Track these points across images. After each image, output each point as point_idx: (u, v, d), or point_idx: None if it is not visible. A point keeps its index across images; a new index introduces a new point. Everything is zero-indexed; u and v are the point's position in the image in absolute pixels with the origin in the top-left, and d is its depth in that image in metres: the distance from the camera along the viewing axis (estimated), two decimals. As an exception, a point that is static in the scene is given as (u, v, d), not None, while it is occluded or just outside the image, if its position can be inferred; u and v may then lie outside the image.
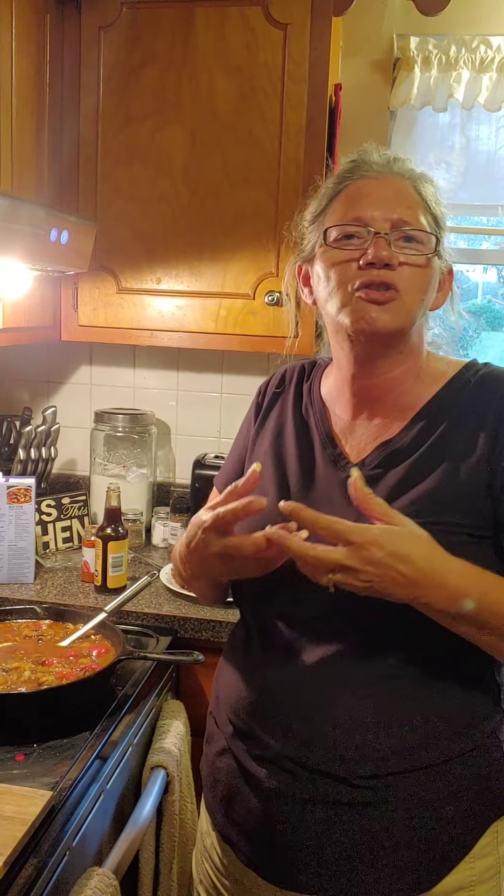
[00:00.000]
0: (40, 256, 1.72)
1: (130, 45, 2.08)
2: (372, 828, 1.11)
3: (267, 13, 2.00)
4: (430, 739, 1.12)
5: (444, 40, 2.27)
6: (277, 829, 1.15)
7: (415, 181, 1.18)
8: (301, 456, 1.25)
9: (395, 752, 1.11)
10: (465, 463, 1.12)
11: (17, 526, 2.04)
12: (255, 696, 1.19)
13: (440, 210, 1.19)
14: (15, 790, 1.21)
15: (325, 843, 1.12)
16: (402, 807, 1.11)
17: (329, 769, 1.12)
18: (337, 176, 1.22)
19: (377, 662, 1.12)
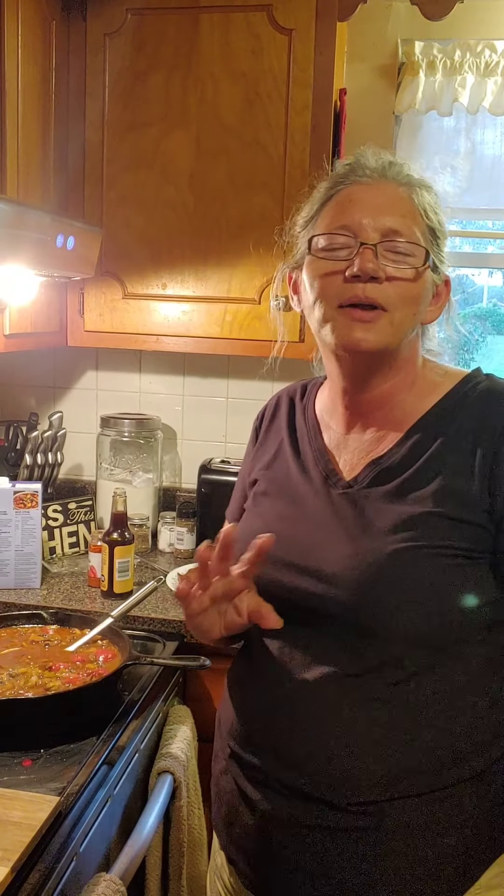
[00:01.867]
0: (46, 262, 1.73)
1: (136, 52, 2.09)
2: (368, 855, 1.08)
3: (272, 19, 2.00)
4: (426, 765, 1.07)
5: (449, 45, 2.27)
6: (275, 852, 1.13)
7: (412, 188, 1.13)
8: (296, 475, 1.22)
9: (387, 777, 1.07)
10: (461, 484, 1.07)
11: (24, 531, 2.04)
12: (249, 718, 1.19)
13: (438, 219, 1.14)
14: (22, 796, 1.21)
15: (321, 870, 1.10)
16: (400, 835, 1.07)
17: (321, 794, 1.09)
18: (330, 180, 1.17)
19: (368, 686, 1.08)
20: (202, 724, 1.77)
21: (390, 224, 1.09)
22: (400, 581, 1.06)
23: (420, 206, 1.12)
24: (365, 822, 1.08)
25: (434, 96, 2.31)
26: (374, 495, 1.12)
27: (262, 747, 1.15)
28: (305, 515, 1.17)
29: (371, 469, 1.14)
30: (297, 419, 1.28)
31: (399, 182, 1.13)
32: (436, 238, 1.14)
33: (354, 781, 1.08)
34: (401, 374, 1.16)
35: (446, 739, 1.08)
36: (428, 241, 1.12)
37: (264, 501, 1.25)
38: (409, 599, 1.05)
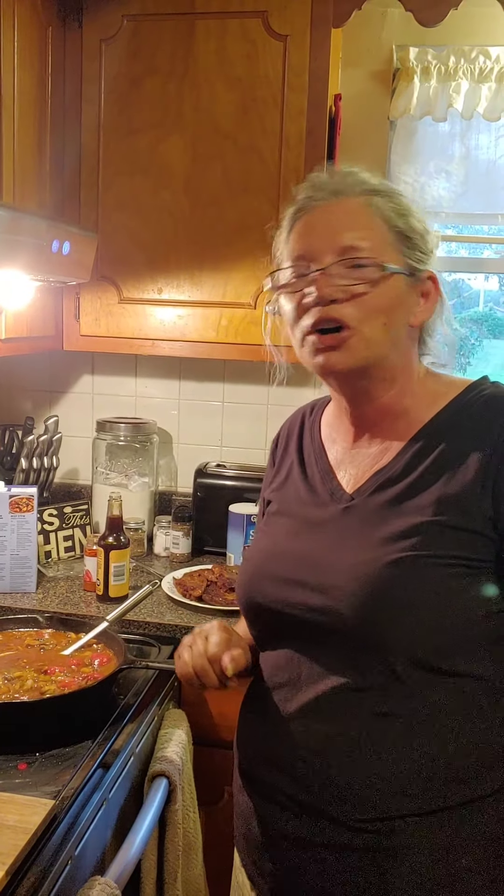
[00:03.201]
0: (42, 267, 1.73)
1: (131, 58, 2.10)
2: (376, 876, 1.07)
3: (267, 25, 2.01)
4: (434, 783, 1.06)
5: (444, 51, 2.29)
6: (288, 869, 1.13)
7: (369, 197, 1.12)
8: (304, 495, 1.23)
9: (393, 795, 1.06)
10: (463, 492, 1.06)
11: (20, 535, 2.05)
12: (258, 733, 1.19)
13: (406, 221, 1.12)
14: (17, 799, 1.21)
15: (329, 889, 1.09)
16: (410, 854, 1.06)
17: (328, 811, 1.09)
18: (291, 212, 1.17)
19: (372, 701, 1.07)
20: (197, 727, 1.77)
21: (346, 241, 1.09)
22: (397, 592, 1.05)
23: (380, 214, 1.12)
24: (373, 842, 1.06)
25: (429, 102, 2.32)
26: (375, 505, 1.12)
27: (271, 763, 1.15)
28: (311, 533, 1.18)
29: (374, 479, 1.14)
30: (304, 440, 1.30)
31: (355, 194, 1.13)
32: (407, 240, 1.12)
33: (359, 798, 1.07)
34: (398, 383, 1.15)
35: (452, 758, 1.06)
36: (393, 246, 1.11)
37: (275, 521, 1.26)
38: (407, 611, 1.04)
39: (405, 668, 1.05)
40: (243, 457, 2.51)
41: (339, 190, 1.13)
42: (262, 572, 1.20)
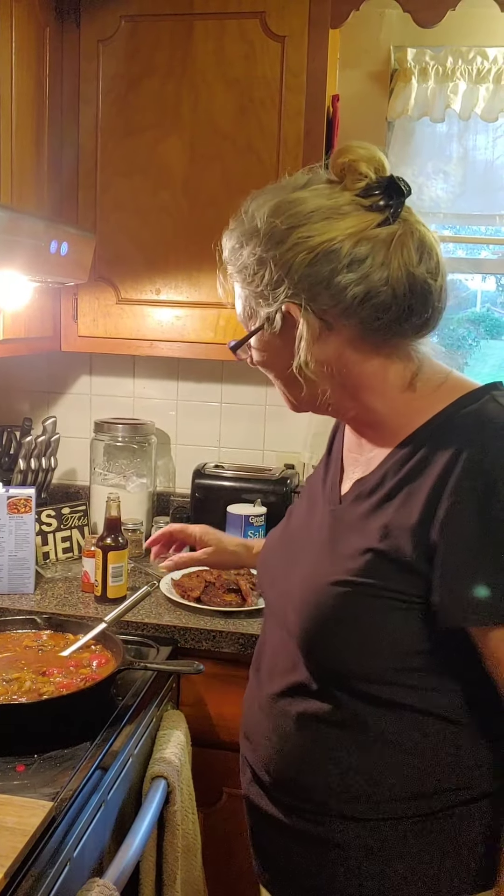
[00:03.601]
0: (40, 268, 1.73)
1: (129, 58, 2.09)
2: (316, 861, 1.13)
3: (265, 26, 2.01)
4: (364, 795, 1.08)
5: (441, 52, 2.29)
6: (249, 826, 1.25)
7: (230, 266, 1.13)
8: (317, 490, 1.26)
9: (332, 797, 1.10)
10: (408, 521, 1.02)
11: (18, 536, 2.04)
12: (247, 703, 1.27)
13: (245, 276, 1.09)
14: (16, 801, 1.21)
15: (276, 856, 1.19)
16: (344, 851, 1.10)
17: (276, 793, 1.17)
18: None
19: (315, 707, 1.11)
20: (196, 728, 1.77)
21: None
22: (330, 612, 1.07)
23: (238, 286, 1.13)
24: (311, 829, 1.13)
25: (426, 102, 2.32)
26: (350, 517, 1.12)
27: (246, 731, 1.25)
28: (300, 532, 1.23)
29: (354, 488, 1.14)
30: (338, 433, 1.30)
31: (228, 269, 1.15)
32: (255, 293, 1.09)
33: (303, 791, 1.13)
34: (358, 401, 1.11)
35: (381, 777, 1.08)
36: (250, 309, 1.12)
37: (292, 509, 1.33)
38: (334, 631, 1.06)
39: (338, 685, 1.09)
40: (241, 458, 2.51)
41: (225, 267, 1.15)
42: (263, 562, 1.32)
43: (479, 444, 0.99)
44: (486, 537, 0.96)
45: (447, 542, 0.98)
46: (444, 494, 0.98)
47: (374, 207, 1.04)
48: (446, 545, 0.98)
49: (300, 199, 1.05)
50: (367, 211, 1.04)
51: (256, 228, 1.06)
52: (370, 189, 1.04)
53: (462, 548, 0.97)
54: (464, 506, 0.97)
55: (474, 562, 0.97)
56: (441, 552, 0.98)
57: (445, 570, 0.98)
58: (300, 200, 1.05)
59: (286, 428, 2.48)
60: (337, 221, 1.03)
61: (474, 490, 0.97)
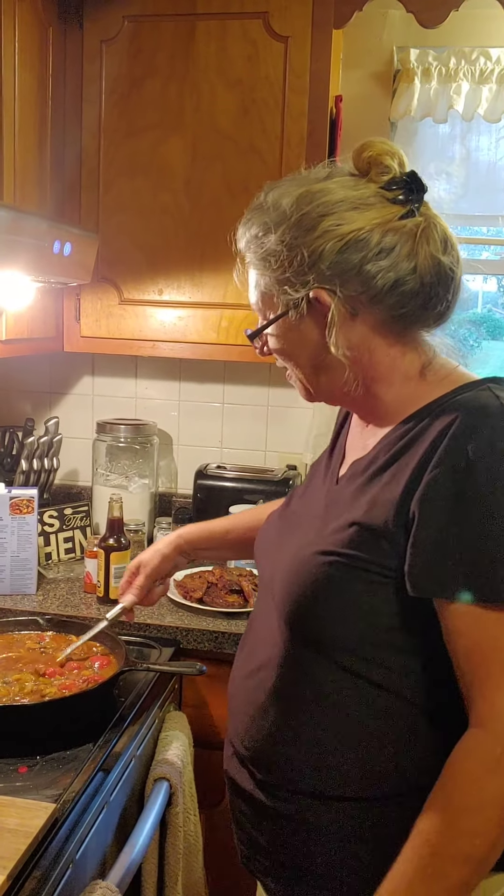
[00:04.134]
0: (43, 268, 1.73)
1: (132, 59, 2.09)
2: (296, 840, 1.13)
3: (268, 26, 2.01)
4: (339, 773, 1.09)
5: (444, 52, 2.29)
6: (229, 801, 1.27)
7: (246, 255, 1.15)
8: (322, 466, 1.29)
9: (304, 774, 1.11)
10: (392, 499, 1.05)
11: (20, 537, 2.04)
12: (232, 680, 1.29)
13: (267, 261, 1.11)
14: (18, 802, 1.21)
15: (252, 832, 1.20)
16: (317, 831, 1.11)
17: (252, 768, 1.19)
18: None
19: (292, 681, 1.13)
20: (198, 730, 1.77)
21: (254, 308, 1.19)
22: (311, 580, 1.09)
23: (255, 273, 1.15)
24: (282, 807, 1.14)
25: (429, 103, 2.32)
26: (344, 493, 1.15)
27: (231, 708, 1.26)
28: (297, 509, 1.26)
29: (352, 468, 1.18)
30: (344, 424, 1.32)
31: (244, 256, 1.17)
32: (278, 280, 1.11)
33: (276, 767, 1.15)
34: (370, 390, 1.14)
35: (361, 756, 1.09)
36: (269, 296, 1.14)
37: (297, 487, 1.35)
38: (314, 600, 1.09)
39: (313, 657, 1.11)
40: (243, 458, 2.50)
41: (242, 255, 1.18)
42: (259, 536, 1.33)
43: (464, 426, 1.02)
44: (457, 514, 0.99)
45: (421, 513, 1.01)
46: (427, 469, 1.02)
47: (396, 201, 1.08)
48: (420, 517, 1.01)
49: (327, 189, 1.09)
50: (390, 203, 1.08)
51: (285, 215, 1.09)
52: (393, 182, 1.08)
53: (434, 521, 1.00)
54: (442, 480, 1.00)
55: (443, 536, 1.00)
56: (415, 523, 1.02)
57: (416, 539, 1.02)
58: (327, 190, 1.08)
59: (288, 429, 2.48)
60: (364, 212, 1.07)
61: (455, 466, 1.00)
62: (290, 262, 1.08)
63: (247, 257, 1.15)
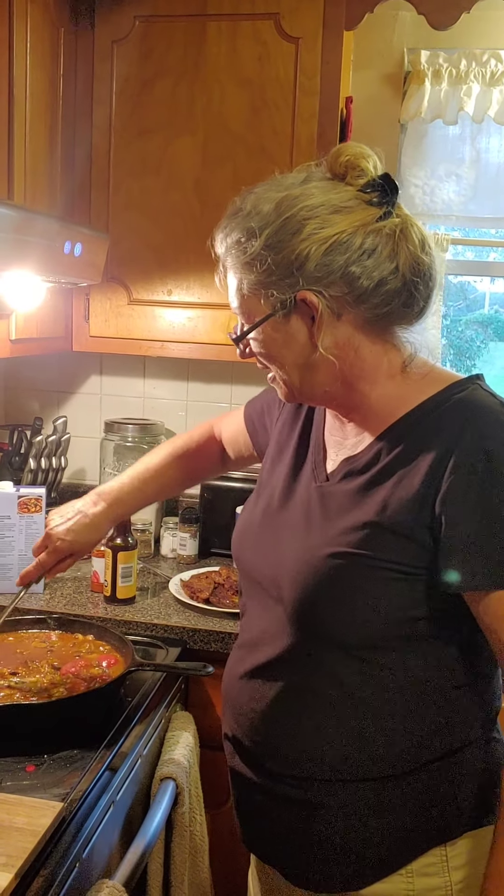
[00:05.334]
0: (54, 268, 1.73)
1: (143, 59, 2.10)
2: (300, 824, 1.18)
3: (279, 27, 2.01)
4: (350, 758, 1.14)
5: (455, 54, 2.28)
6: (236, 798, 1.30)
7: (227, 260, 1.15)
8: (294, 462, 1.29)
9: (315, 761, 1.16)
10: (407, 497, 1.08)
11: (28, 536, 2.04)
12: (228, 680, 1.31)
13: (251, 264, 1.10)
14: (26, 801, 1.21)
15: (263, 824, 1.24)
16: (326, 813, 1.16)
17: (261, 761, 1.22)
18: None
19: (302, 675, 1.17)
20: (204, 730, 1.77)
21: (235, 311, 1.18)
22: (328, 582, 1.12)
23: (236, 276, 1.14)
24: (294, 794, 1.18)
25: (439, 105, 2.32)
26: (340, 493, 1.17)
27: (231, 708, 1.28)
28: (285, 508, 1.25)
29: (343, 466, 1.19)
30: (315, 419, 1.32)
31: (227, 263, 1.16)
32: (262, 281, 1.11)
33: (286, 757, 1.18)
34: (354, 389, 1.16)
35: (370, 740, 1.14)
36: (254, 297, 1.13)
37: (265, 485, 1.33)
38: (334, 602, 1.12)
39: (330, 653, 1.14)
40: (251, 459, 2.50)
41: (221, 260, 1.17)
42: (243, 538, 1.33)
43: (473, 427, 1.07)
44: (487, 509, 1.04)
45: (448, 514, 1.05)
46: (445, 472, 1.06)
47: (373, 203, 1.10)
48: (448, 517, 1.05)
49: (308, 193, 1.10)
50: (368, 206, 1.10)
51: (268, 220, 1.10)
52: (370, 185, 1.11)
53: (464, 520, 1.05)
54: (465, 481, 1.05)
55: (478, 531, 1.04)
56: (445, 524, 1.06)
57: (450, 539, 1.06)
58: (308, 194, 1.10)
59: (296, 429, 2.48)
60: (345, 215, 1.09)
61: (474, 467, 1.05)
62: (276, 265, 1.09)
63: (227, 262, 1.16)
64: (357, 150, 1.12)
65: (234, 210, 1.15)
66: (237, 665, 1.29)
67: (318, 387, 1.16)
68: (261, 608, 1.25)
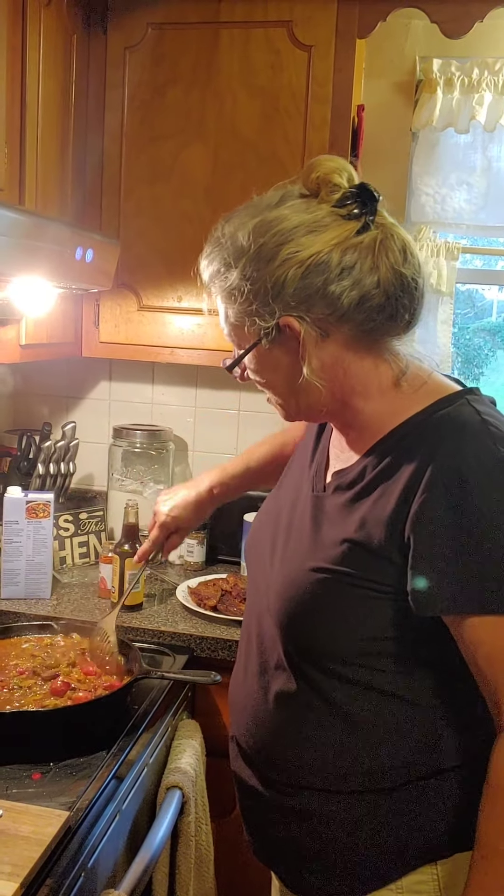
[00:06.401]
0: (65, 275, 1.73)
1: (155, 66, 2.10)
2: (302, 832, 1.19)
3: (291, 35, 2.01)
4: (341, 769, 1.15)
5: (467, 63, 2.28)
6: (238, 798, 1.32)
7: (212, 288, 1.16)
8: (303, 471, 1.30)
9: (307, 770, 1.16)
10: (383, 517, 1.08)
11: (35, 541, 2.04)
12: (234, 685, 1.33)
13: (233, 295, 1.11)
14: (32, 809, 1.20)
15: (261, 826, 1.26)
16: (320, 821, 1.17)
17: (258, 766, 1.24)
18: None
19: (290, 686, 1.17)
20: (211, 739, 1.76)
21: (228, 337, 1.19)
22: (305, 597, 1.13)
23: (223, 303, 1.15)
24: (287, 802, 1.19)
25: (451, 113, 2.31)
26: (329, 506, 1.18)
27: (236, 711, 1.30)
28: (286, 517, 1.26)
29: (335, 479, 1.20)
30: (326, 427, 1.33)
31: (210, 289, 1.17)
32: (246, 310, 1.11)
33: (280, 765, 1.19)
34: (347, 407, 1.16)
35: (359, 753, 1.14)
36: (239, 325, 1.14)
37: (277, 492, 1.36)
38: (307, 616, 1.13)
39: (314, 666, 1.15)
40: (259, 466, 2.50)
41: (207, 287, 1.18)
42: (250, 543, 1.36)
43: (451, 445, 1.05)
44: (458, 529, 1.02)
45: (419, 535, 1.04)
46: (418, 491, 1.04)
47: (351, 216, 1.08)
48: (418, 538, 1.04)
49: (281, 216, 1.09)
50: (345, 220, 1.08)
51: (242, 249, 1.09)
52: (345, 199, 1.09)
53: (435, 541, 1.03)
54: (436, 502, 1.03)
55: (448, 552, 1.03)
56: (414, 545, 1.04)
57: (419, 560, 1.04)
58: (281, 218, 1.08)
59: (304, 437, 2.47)
60: (320, 234, 1.07)
61: (447, 487, 1.03)
62: (255, 294, 1.09)
63: (212, 290, 1.16)
64: (329, 165, 1.09)
65: (215, 238, 1.15)
66: (241, 666, 1.31)
67: (313, 406, 1.17)
68: (256, 614, 1.27)
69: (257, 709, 1.23)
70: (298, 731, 1.17)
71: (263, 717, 1.22)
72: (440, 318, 2.44)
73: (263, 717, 1.22)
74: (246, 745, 1.26)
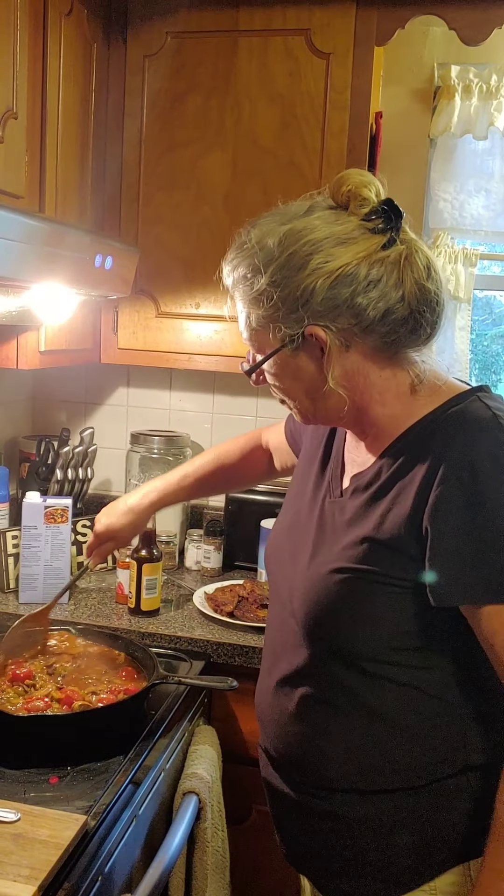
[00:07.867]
0: (85, 281, 1.75)
1: (174, 73, 2.11)
2: (324, 833, 1.21)
3: (310, 43, 2.02)
4: (369, 768, 1.16)
5: (486, 69, 2.28)
6: (269, 803, 1.33)
7: (236, 293, 1.17)
8: (317, 476, 1.31)
9: (335, 771, 1.17)
10: (402, 513, 1.10)
11: (54, 546, 2.05)
12: (259, 690, 1.33)
13: (264, 300, 1.11)
14: (50, 813, 1.21)
15: (291, 830, 1.27)
16: (349, 823, 1.18)
17: (286, 769, 1.25)
18: None
19: (318, 687, 1.19)
20: (227, 744, 1.76)
21: (246, 343, 1.20)
22: (329, 596, 1.15)
23: (245, 308, 1.16)
24: (316, 805, 1.20)
25: (469, 120, 2.31)
26: (348, 509, 1.19)
27: (262, 717, 1.30)
28: (305, 522, 1.27)
29: (352, 483, 1.21)
30: (336, 434, 1.34)
31: (234, 294, 1.18)
32: (271, 315, 1.12)
33: (307, 766, 1.21)
34: (366, 412, 1.17)
35: (387, 751, 1.15)
36: (263, 331, 1.15)
37: (292, 499, 1.36)
38: (332, 615, 1.15)
39: (341, 666, 1.16)
40: (276, 472, 2.50)
41: (230, 293, 1.20)
42: (271, 550, 1.37)
43: (463, 438, 1.07)
44: (473, 521, 1.05)
45: (436, 527, 1.06)
46: (433, 486, 1.07)
47: (377, 230, 1.10)
48: (436, 530, 1.06)
49: (311, 226, 1.10)
50: (372, 234, 1.10)
51: (272, 256, 1.11)
52: (373, 213, 1.11)
53: (451, 532, 1.05)
54: (451, 493, 1.05)
55: (464, 544, 1.05)
56: (431, 537, 1.06)
57: (436, 552, 1.06)
58: (312, 227, 1.10)
59: (322, 443, 2.47)
60: (349, 246, 1.09)
61: (460, 479, 1.05)
62: (283, 300, 1.10)
63: (235, 295, 1.18)
64: (358, 180, 1.11)
65: (240, 243, 1.16)
66: (266, 676, 1.31)
67: (331, 412, 1.18)
68: (280, 621, 1.28)
69: (284, 714, 1.24)
70: (326, 732, 1.18)
71: (291, 721, 1.23)
72: (458, 324, 2.44)
73: (291, 721, 1.23)
74: (275, 752, 1.27)
